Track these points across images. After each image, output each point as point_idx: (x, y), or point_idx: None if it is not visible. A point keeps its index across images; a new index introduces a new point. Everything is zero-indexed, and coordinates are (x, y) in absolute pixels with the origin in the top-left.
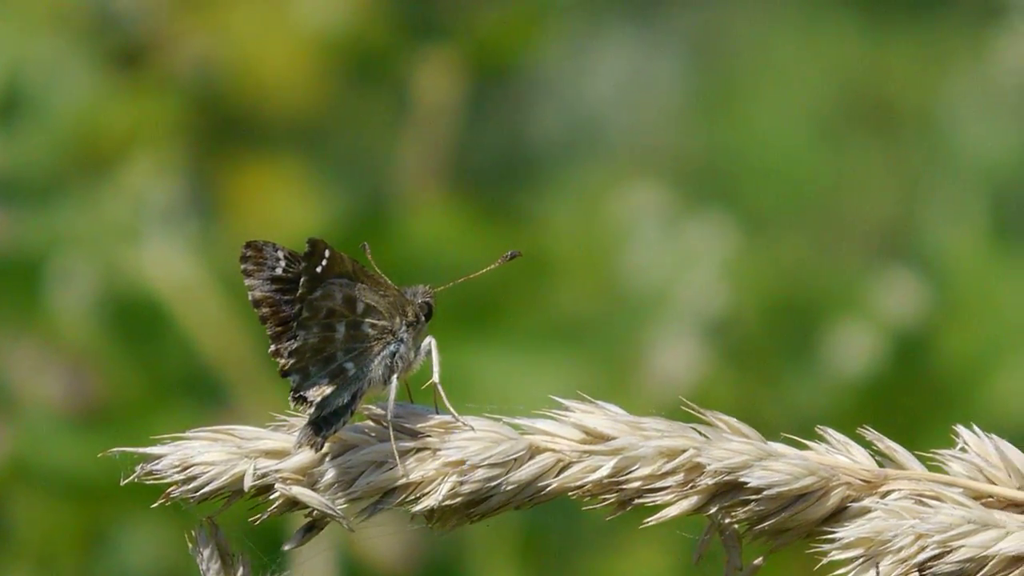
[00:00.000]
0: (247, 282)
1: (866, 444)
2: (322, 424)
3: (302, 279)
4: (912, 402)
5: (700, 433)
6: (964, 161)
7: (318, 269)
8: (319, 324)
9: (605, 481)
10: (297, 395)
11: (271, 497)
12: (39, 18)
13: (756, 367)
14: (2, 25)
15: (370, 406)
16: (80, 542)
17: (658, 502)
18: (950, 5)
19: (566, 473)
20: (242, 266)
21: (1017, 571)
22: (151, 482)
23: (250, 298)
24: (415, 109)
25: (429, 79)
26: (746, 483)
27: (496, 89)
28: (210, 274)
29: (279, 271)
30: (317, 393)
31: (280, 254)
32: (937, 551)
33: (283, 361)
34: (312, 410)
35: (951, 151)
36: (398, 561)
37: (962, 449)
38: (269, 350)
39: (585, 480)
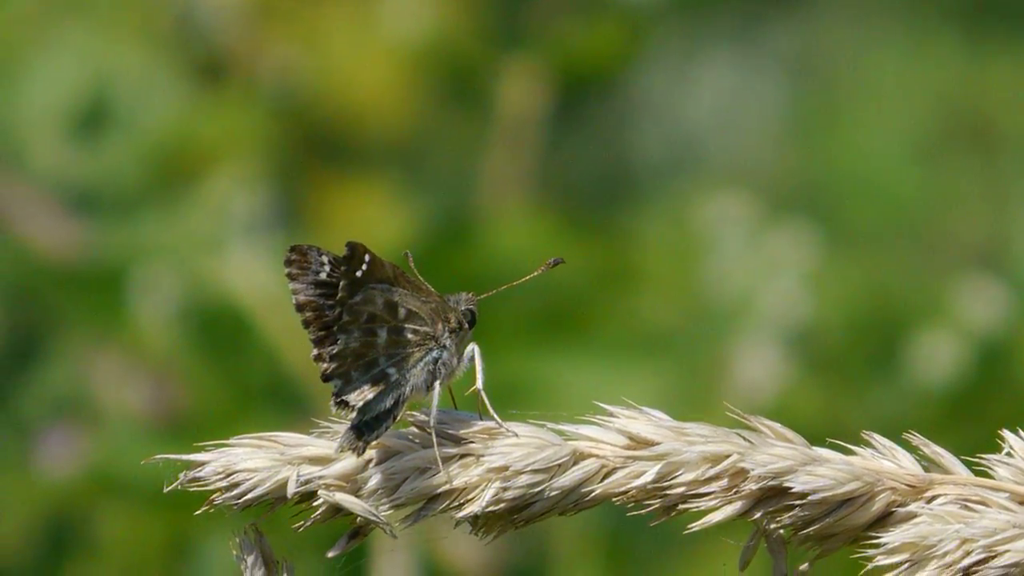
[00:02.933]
0: (291, 286)
1: (912, 448)
2: (364, 429)
3: (342, 283)
4: (996, 410)
5: (744, 438)
6: None
7: (358, 273)
8: (360, 329)
9: (649, 487)
10: (339, 399)
11: (314, 504)
12: (125, 29)
13: (839, 377)
14: (89, 36)
15: (414, 412)
16: (164, 553)
17: (702, 507)
18: None
19: (610, 479)
20: (286, 270)
21: None
22: (195, 489)
23: (294, 302)
24: (502, 121)
25: (517, 90)
26: (790, 488)
27: (589, 103)
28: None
29: (323, 275)
30: (359, 397)
31: (324, 259)
32: (982, 556)
33: (325, 365)
34: (354, 415)
35: None
36: (481, 565)
37: (1008, 454)
38: (312, 354)
39: (629, 486)
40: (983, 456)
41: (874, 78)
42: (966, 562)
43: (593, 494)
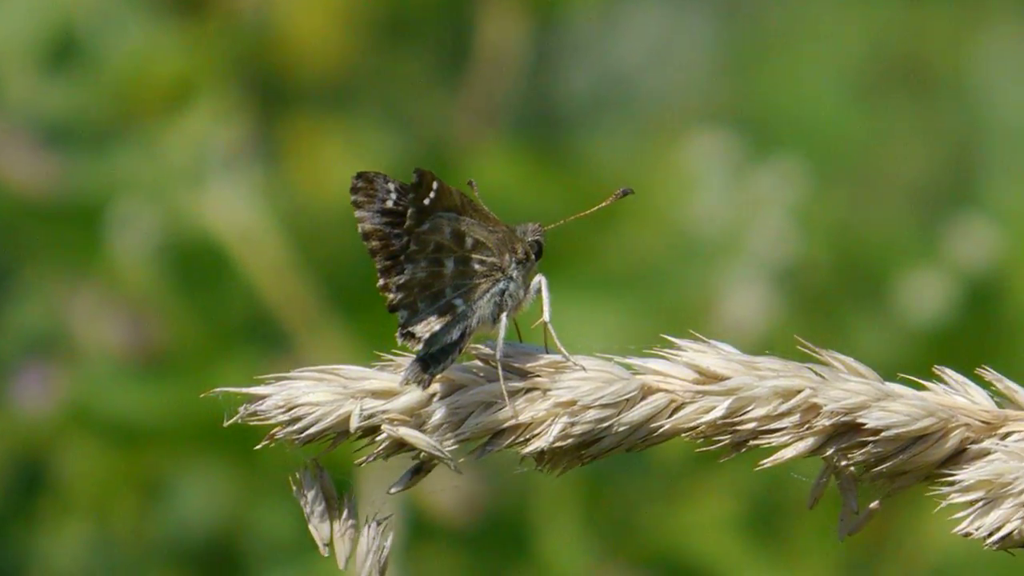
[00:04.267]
0: (357, 214)
1: (985, 384)
2: (430, 361)
3: (409, 211)
4: (983, 349)
5: (816, 373)
6: (1002, 120)
7: (426, 201)
8: (427, 258)
9: (719, 422)
10: (405, 331)
11: (377, 439)
12: None
13: (826, 315)
14: None
15: (478, 345)
16: (138, 490)
17: (773, 443)
18: None
19: (679, 414)
20: (352, 197)
21: None
22: (254, 423)
23: (360, 230)
24: (475, 54)
25: (492, 26)
26: (863, 424)
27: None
28: (271, 219)
29: (389, 204)
30: (425, 329)
31: (391, 186)
32: None
33: (391, 296)
34: (420, 346)
35: (988, 110)
36: (461, 513)
37: None
38: (378, 284)
39: (699, 421)
40: None
41: (808, 18)
42: None
43: (661, 429)
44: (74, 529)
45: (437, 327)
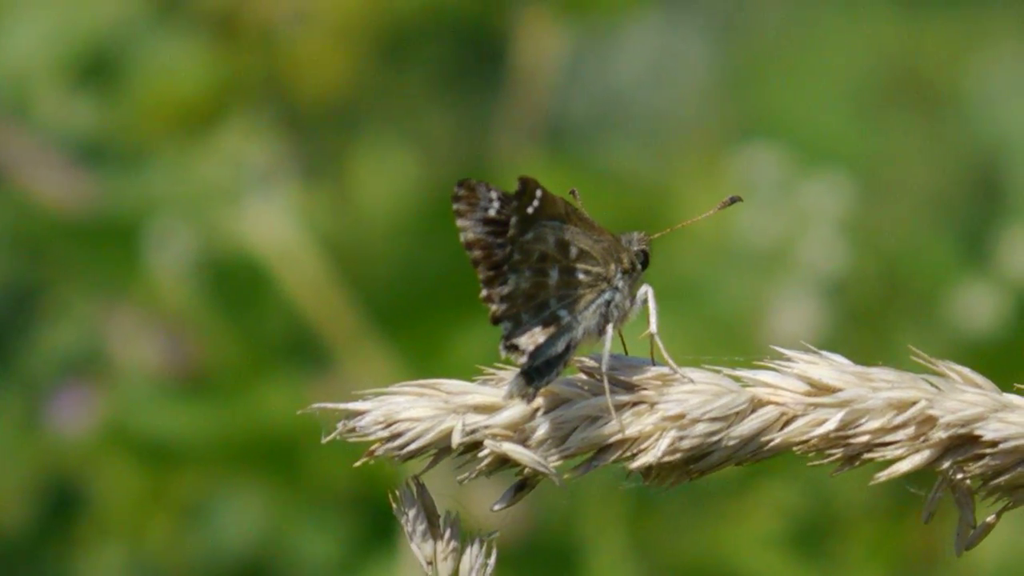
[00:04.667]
0: (459, 223)
1: None
2: (534, 374)
3: (513, 220)
4: None
5: (931, 384)
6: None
7: (529, 210)
8: (531, 268)
9: (832, 435)
10: (509, 343)
11: (480, 455)
12: None
13: (876, 328)
14: None
15: (583, 358)
16: (175, 512)
17: (888, 456)
18: None
19: (790, 427)
20: (454, 206)
21: None
22: (353, 439)
23: (462, 239)
24: (512, 71)
25: (529, 42)
26: (981, 436)
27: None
28: (308, 236)
29: (492, 212)
30: (530, 341)
31: (493, 194)
32: None
33: (495, 307)
34: (524, 359)
35: (995, 124)
36: (509, 530)
37: None
38: (481, 295)
39: (811, 434)
40: None
41: (808, 36)
42: None
43: (772, 443)
44: (111, 550)
45: (542, 339)
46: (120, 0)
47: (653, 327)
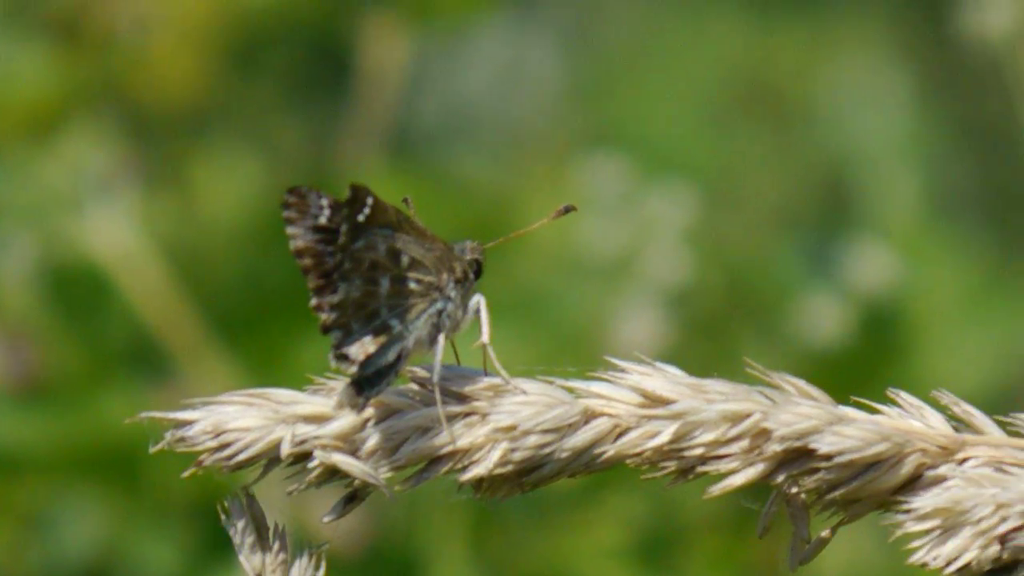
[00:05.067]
0: (289, 230)
1: (941, 408)
2: (365, 384)
3: (343, 227)
4: (877, 372)
5: (766, 396)
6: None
7: (360, 217)
8: (362, 277)
9: (665, 448)
10: (339, 352)
11: (310, 465)
12: None
13: (720, 339)
14: None
15: (414, 368)
16: (15, 521)
17: (722, 470)
18: None
19: (624, 439)
20: (284, 213)
21: None
22: (182, 449)
23: (292, 247)
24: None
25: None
26: (816, 450)
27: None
28: (149, 244)
29: (322, 220)
30: (360, 350)
31: (324, 202)
32: (1020, 522)
33: (324, 315)
34: (354, 369)
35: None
36: (348, 541)
37: None
38: (311, 303)
39: (644, 447)
40: (1017, 416)
41: (658, 45)
42: (1002, 528)
43: (605, 455)
44: None
45: (372, 348)
46: None
47: (485, 337)
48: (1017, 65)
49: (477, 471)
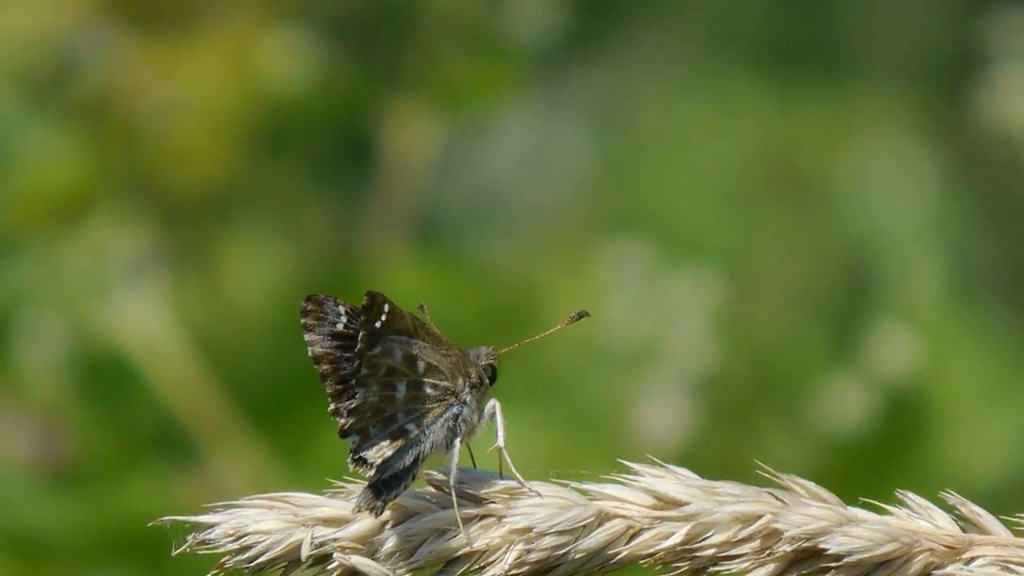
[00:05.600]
0: (307, 337)
1: (948, 508)
2: (382, 487)
3: (360, 334)
4: (901, 459)
5: (776, 498)
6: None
7: (377, 324)
8: (379, 383)
9: (678, 548)
10: (357, 456)
11: (329, 567)
12: None
13: (744, 425)
14: None
15: (431, 471)
16: None
17: (733, 570)
18: (858, 73)
19: (637, 540)
20: (302, 320)
21: None
22: (203, 552)
23: (310, 354)
24: (380, 164)
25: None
26: (825, 550)
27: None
28: (178, 329)
29: (340, 327)
30: (378, 454)
31: (341, 309)
32: None
33: (342, 420)
34: (372, 472)
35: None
36: None
37: None
38: (329, 408)
39: (657, 547)
40: (1022, 515)
41: (680, 127)
42: None
43: (619, 556)
44: None
45: (389, 452)
46: None
47: (501, 441)
48: None
49: (494, 572)
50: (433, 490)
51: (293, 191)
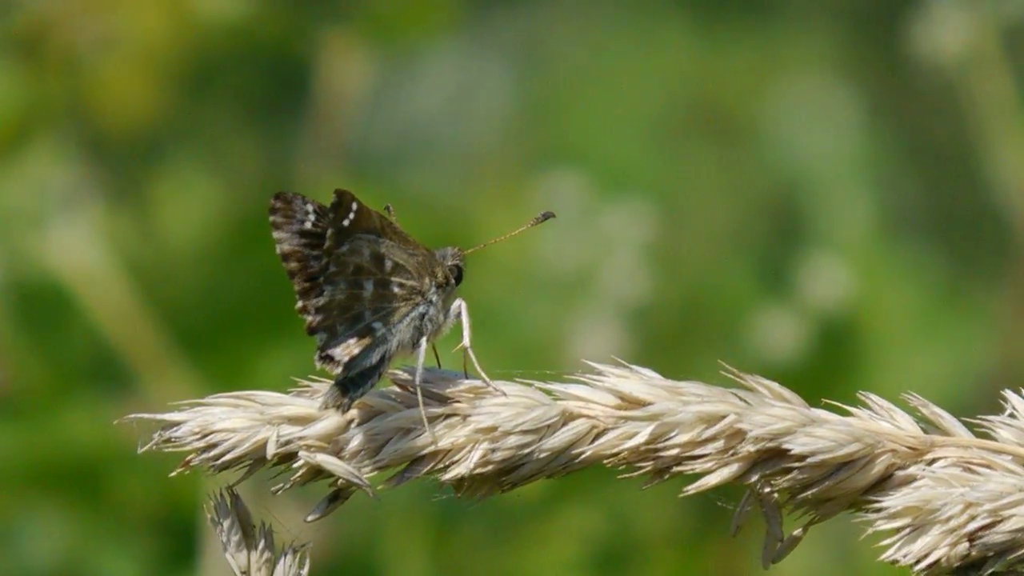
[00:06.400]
0: (275, 235)
1: (910, 410)
2: (349, 385)
3: (329, 232)
4: (834, 386)
5: (741, 398)
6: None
7: (345, 222)
8: (346, 280)
9: (642, 448)
10: (324, 354)
11: (294, 465)
12: None
13: (678, 353)
14: None
15: (397, 371)
16: None
17: (697, 470)
18: (785, 11)
19: (601, 440)
20: (271, 218)
21: None
22: (169, 449)
23: (278, 251)
24: (313, 98)
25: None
26: (789, 450)
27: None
28: (115, 261)
29: (308, 225)
30: (344, 352)
31: (310, 207)
32: (988, 520)
33: (310, 318)
34: (339, 370)
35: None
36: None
37: (1011, 415)
38: (296, 306)
39: (621, 447)
40: (984, 417)
41: (607, 66)
42: (971, 527)
43: (583, 456)
44: None
45: (356, 350)
46: None
47: (466, 340)
48: (967, 85)
49: (458, 471)
50: (399, 389)
51: (226, 125)
